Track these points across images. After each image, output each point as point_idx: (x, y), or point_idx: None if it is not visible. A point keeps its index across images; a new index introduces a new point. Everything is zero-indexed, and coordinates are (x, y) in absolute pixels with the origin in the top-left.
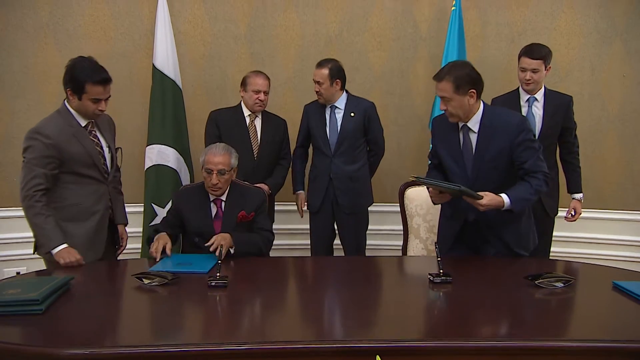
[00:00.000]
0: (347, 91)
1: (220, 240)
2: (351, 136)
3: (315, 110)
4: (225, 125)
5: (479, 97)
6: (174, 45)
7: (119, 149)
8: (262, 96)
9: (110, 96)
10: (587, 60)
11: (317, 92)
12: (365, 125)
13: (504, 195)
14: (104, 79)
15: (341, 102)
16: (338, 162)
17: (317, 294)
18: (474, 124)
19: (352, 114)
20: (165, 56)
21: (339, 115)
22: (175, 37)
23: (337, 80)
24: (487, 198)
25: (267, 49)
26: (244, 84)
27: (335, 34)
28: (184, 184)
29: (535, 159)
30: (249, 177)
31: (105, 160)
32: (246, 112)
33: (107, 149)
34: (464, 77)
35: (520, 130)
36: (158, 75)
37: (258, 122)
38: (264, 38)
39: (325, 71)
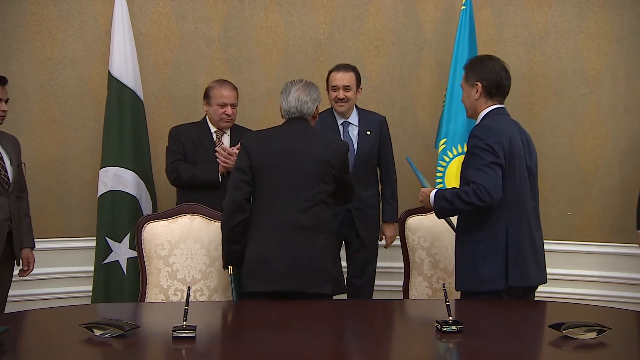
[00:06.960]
0: (355, 105)
1: None
2: (368, 158)
3: (326, 124)
4: (188, 144)
5: (487, 95)
6: (134, 50)
7: (23, 164)
8: (229, 110)
9: (8, 99)
10: (621, 68)
11: (341, 99)
12: (380, 146)
13: (433, 190)
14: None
15: (354, 117)
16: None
17: (305, 346)
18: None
19: (369, 133)
20: (123, 62)
21: (354, 133)
22: (135, 40)
23: (361, 88)
24: (424, 192)
25: (245, 54)
26: (207, 96)
27: (325, 37)
28: (145, 213)
29: (473, 168)
30: (216, 203)
31: (6, 171)
32: (212, 128)
33: (9, 161)
34: (475, 68)
35: (469, 136)
36: (115, 85)
37: (226, 139)
38: (241, 41)
39: (352, 74)
